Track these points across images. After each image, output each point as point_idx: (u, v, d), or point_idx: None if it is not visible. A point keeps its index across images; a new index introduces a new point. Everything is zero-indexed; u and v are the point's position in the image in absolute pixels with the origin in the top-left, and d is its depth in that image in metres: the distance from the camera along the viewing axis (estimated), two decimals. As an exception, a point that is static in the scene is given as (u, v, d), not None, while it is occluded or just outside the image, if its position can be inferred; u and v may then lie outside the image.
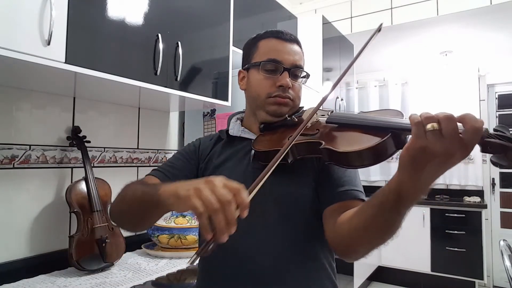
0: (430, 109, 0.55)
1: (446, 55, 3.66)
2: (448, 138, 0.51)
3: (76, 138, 1.42)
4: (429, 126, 0.51)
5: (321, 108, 0.79)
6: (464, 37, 3.26)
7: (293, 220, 0.81)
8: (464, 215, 3.45)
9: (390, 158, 0.66)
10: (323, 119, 0.80)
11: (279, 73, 0.87)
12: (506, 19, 2.81)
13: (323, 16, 2.61)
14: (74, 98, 1.48)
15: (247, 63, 0.93)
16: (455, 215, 3.48)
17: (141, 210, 0.74)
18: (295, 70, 0.89)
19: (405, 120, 0.64)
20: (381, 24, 0.78)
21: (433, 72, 4.03)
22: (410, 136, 0.62)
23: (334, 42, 2.81)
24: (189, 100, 1.59)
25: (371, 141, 0.65)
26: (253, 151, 0.86)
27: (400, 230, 0.63)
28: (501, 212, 3.79)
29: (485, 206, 3.43)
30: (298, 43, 0.92)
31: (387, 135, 0.64)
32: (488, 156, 0.54)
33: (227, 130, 0.96)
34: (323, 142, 0.72)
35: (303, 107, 0.93)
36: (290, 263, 0.80)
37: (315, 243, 0.83)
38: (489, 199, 3.79)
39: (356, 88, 4.39)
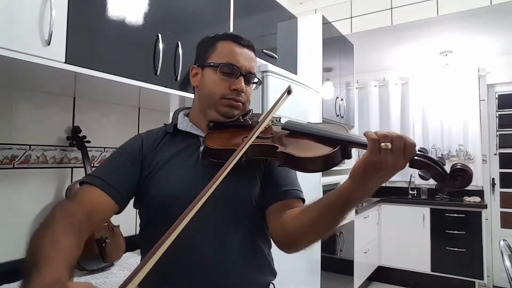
0: (430, 109, 0.57)
1: (446, 55, 3.66)
2: (396, 154, 0.63)
3: (76, 138, 1.42)
4: (383, 144, 0.63)
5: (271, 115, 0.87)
6: (464, 37, 3.26)
7: (241, 216, 0.86)
8: (464, 215, 3.45)
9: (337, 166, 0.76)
10: (275, 126, 0.89)
11: (235, 77, 0.90)
12: (506, 19, 2.81)
13: (323, 16, 2.61)
14: (74, 98, 1.48)
15: (203, 61, 0.94)
16: (455, 215, 3.48)
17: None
18: (249, 77, 0.93)
19: (353, 135, 0.76)
20: (289, 86, 0.88)
21: (433, 72, 4.03)
22: (353, 149, 0.76)
23: (334, 42, 2.81)
24: (189, 100, 1.59)
25: (324, 150, 0.74)
26: (203, 147, 0.87)
27: (339, 226, 0.74)
28: (501, 212, 3.79)
29: (485, 206, 3.43)
30: (253, 49, 0.96)
31: (338, 146, 0.73)
32: (488, 156, 0.56)
33: (175, 124, 0.94)
34: (279, 146, 0.78)
35: (251, 109, 0.98)
36: (238, 256, 0.84)
37: (260, 237, 0.90)
38: (489, 199, 3.78)
39: (356, 88, 4.40)
